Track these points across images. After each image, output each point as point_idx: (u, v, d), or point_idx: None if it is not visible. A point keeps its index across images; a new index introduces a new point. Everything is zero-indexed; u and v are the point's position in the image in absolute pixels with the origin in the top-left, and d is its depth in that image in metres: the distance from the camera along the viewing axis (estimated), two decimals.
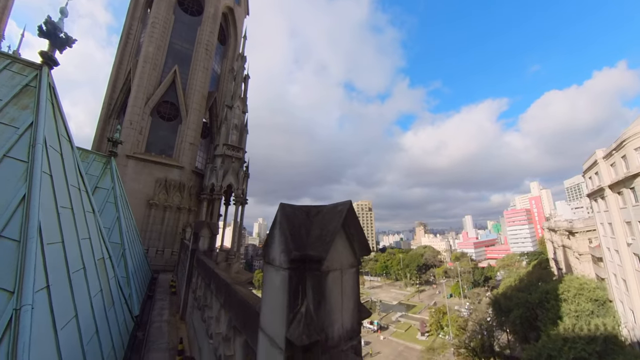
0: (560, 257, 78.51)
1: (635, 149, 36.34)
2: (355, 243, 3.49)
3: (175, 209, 37.98)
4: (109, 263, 12.17)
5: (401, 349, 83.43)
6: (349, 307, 3.27)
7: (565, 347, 31.02)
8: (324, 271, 3.06)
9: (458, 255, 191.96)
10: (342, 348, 3.02)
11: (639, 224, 37.13)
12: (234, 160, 40.11)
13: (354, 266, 3.54)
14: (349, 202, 3.49)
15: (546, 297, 47.57)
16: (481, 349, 54.13)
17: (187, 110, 42.25)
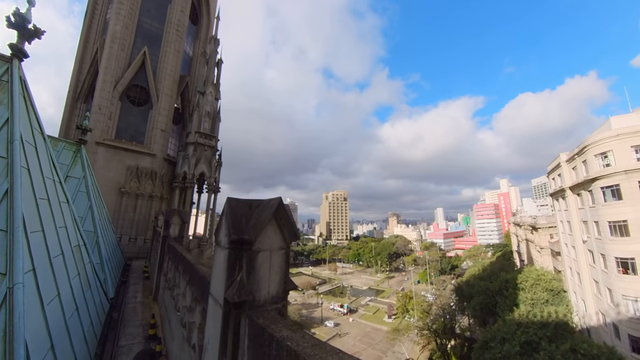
0: (523, 250, 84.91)
1: (595, 155, 39.95)
2: (285, 231, 4.82)
3: (148, 197, 37.73)
4: (84, 250, 12.91)
5: (368, 330, 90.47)
6: (276, 280, 4.62)
7: (518, 331, 33.60)
8: (254, 251, 4.42)
9: (428, 245, 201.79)
10: (266, 308, 4.37)
11: (594, 224, 41.02)
12: (206, 149, 39.93)
13: (283, 248, 4.90)
14: (280, 198, 4.80)
15: (506, 286, 51.38)
16: (443, 331, 58.35)
17: (157, 95, 41.12)
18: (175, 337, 9.39)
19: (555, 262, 58.37)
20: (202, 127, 39.70)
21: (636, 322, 34.06)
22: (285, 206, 4.79)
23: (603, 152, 39.12)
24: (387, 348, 74.75)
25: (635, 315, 34.23)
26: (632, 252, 35.22)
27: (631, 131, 37.33)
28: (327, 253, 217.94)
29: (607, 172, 38.09)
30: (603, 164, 39.24)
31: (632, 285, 34.90)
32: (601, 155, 39.41)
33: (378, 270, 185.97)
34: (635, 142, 36.96)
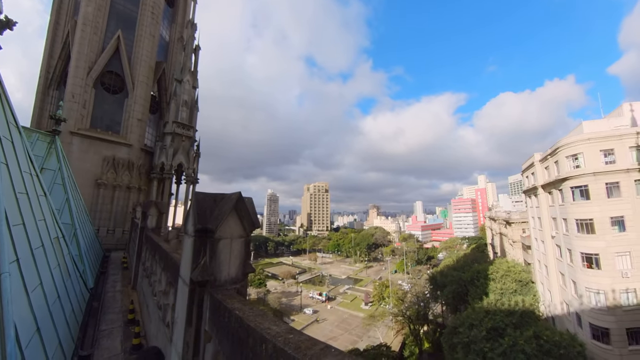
0: (496, 243, 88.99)
1: (567, 156, 42.28)
2: (244, 221, 5.81)
3: (125, 189, 37.38)
4: (62, 242, 13.48)
5: (346, 316, 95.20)
6: (236, 263, 5.57)
7: (486, 318, 35.90)
8: (216, 238, 5.41)
9: (406, 237, 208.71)
10: (226, 287, 5.33)
11: (563, 221, 43.59)
12: (184, 139, 39.70)
13: (242, 237, 5.87)
14: (239, 192, 5.75)
15: (477, 276, 54.45)
16: (416, 317, 61.89)
17: (133, 82, 40.03)
18: (152, 319, 10.25)
19: (525, 255, 61.80)
20: (180, 116, 39.31)
21: (597, 312, 36.96)
22: (245, 199, 5.76)
23: (574, 154, 41.48)
24: (362, 333, 79.22)
25: (597, 306, 37.05)
26: (596, 248, 37.95)
27: (601, 136, 39.87)
28: (307, 243, 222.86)
29: (577, 173, 40.51)
30: (574, 165, 41.61)
31: (595, 278, 37.65)
32: (572, 157, 41.77)
33: (357, 260, 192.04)
34: (604, 147, 39.53)
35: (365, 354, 52.11)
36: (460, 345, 33.70)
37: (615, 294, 36.24)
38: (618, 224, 38.17)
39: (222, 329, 4.55)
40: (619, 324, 35.56)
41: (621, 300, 36.11)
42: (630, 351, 34.89)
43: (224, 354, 4.51)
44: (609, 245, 37.22)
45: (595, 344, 36.69)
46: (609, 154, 39.52)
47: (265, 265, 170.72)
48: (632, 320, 35.58)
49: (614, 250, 37.22)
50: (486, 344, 31.37)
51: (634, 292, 36.17)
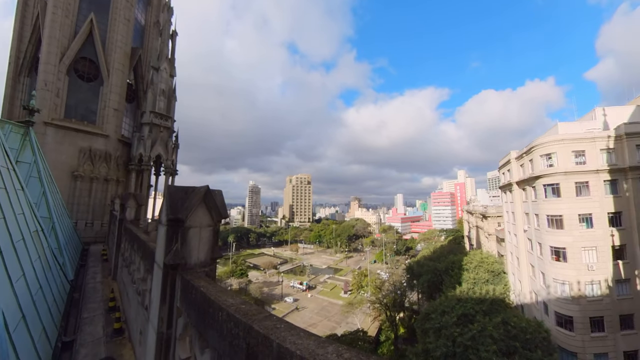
0: (473, 235, 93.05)
1: (541, 155, 44.49)
2: (212, 212, 6.71)
3: (103, 181, 36.87)
4: (42, 235, 14.00)
5: (325, 304, 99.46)
6: (204, 249, 6.36)
7: (457, 306, 38.11)
8: (186, 227, 6.29)
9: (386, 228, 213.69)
10: (196, 270, 6.11)
11: (535, 216, 46.24)
12: (162, 130, 39.41)
13: (210, 226, 6.78)
14: (207, 186, 6.57)
15: (452, 266, 57.58)
16: (393, 304, 65.08)
17: (108, 69, 38.91)
18: (132, 305, 10.97)
19: (499, 247, 64.99)
20: (157, 106, 38.86)
21: (562, 302, 39.78)
22: (214, 192, 6.59)
23: (548, 154, 43.69)
24: (341, 320, 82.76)
25: (562, 296, 39.85)
26: (564, 243, 40.51)
27: (574, 138, 42.29)
28: (289, 235, 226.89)
29: (549, 171, 42.82)
30: (547, 164, 43.87)
31: (562, 270, 40.28)
32: (546, 156, 44.00)
33: (337, 250, 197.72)
34: (576, 148, 41.98)
35: (342, 339, 54.21)
36: (432, 331, 35.50)
37: (580, 285, 38.85)
38: (586, 221, 40.72)
39: (191, 303, 5.49)
40: (582, 312, 38.22)
41: (586, 291, 38.81)
42: (592, 338, 37.76)
43: (192, 323, 5.45)
44: (576, 240, 39.72)
45: (559, 331, 39.44)
46: (580, 155, 41.86)
47: (247, 256, 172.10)
48: (596, 309, 38.41)
49: (581, 245, 39.78)
50: (456, 329, 33.15)
51: (598, 284, 38.99)
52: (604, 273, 39.19)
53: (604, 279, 39.14)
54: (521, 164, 51.39)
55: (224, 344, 4.12)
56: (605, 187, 41.10)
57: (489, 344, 30.19)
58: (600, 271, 39.22)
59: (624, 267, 39.47)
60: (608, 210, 40.57)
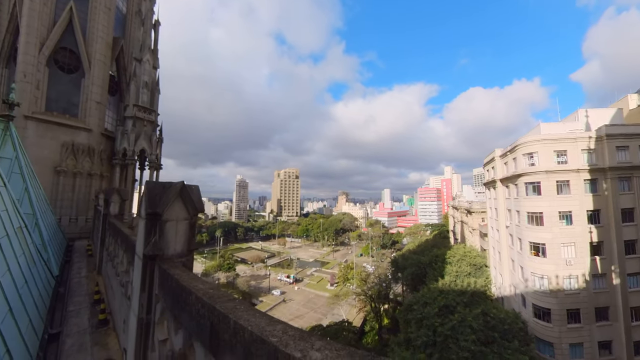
0: (457, 230, 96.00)
1: (524, 154, 45.93)
2: (189, 206, 7.31)
3: (86, 176, 36.25)
4: (25, 232, 14.31)
5: (312, 296, 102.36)
6: (181, 241, 6.91)
7: (439, 297, 39.89)
8: (164, 220, 6.89)
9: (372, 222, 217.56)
10: (173, 260, 6.62)
11: (516, 212, 47.85)
12: (145, 124, 38.96)
13: (187, 219, 7.43)
14: (182, 182, 7.17)
15: (435, 260, 59.69)
16: (377, 296, 67.20)
17: (89, 60, 37.69)
18: (116, 296, 11.49)
19: (482, 242, 67.20)
20: (141, 99, 38.32)
21: (539, 294, 41.65)
22: (190, 187, 7.17)
23: (530, 153, 45.17)
24: (327, 311, 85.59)
25: (540, 289, 41.70)
26: (543, 239, 42.25)
27: (556, 138, 43.83)
28: (277, 229, 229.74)
29: (531, 170, 44.36)
30: (529, 162, 45.34)
31: (540, 265, 42.10)
32: (528, 155, 45.47)
33: (325, 244, 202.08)
34: (557, 148, 43.55)
35: (327, 330, 55.68)
36: (414, 321, 36.75)
37: (558, 279, 40.64)
38: (566, 218, 42.36)
39: (167, 290, 6.13)
40: (560, 305, 40.06)
41: (564, 284, 40.60)
42: (568, 329, 39.67)
43: (168, 308, 6.11)
44: (556, 237, 41.43)
45: (537, 322, 41.27)
46: (562, 155, 43.37)
47: (234, 250, 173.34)
48: (573, 302, 40.33)
49: (560, 241, 41.54)
50: (437, 319, 34.47)
51: (576, 278, 40.81)
52: (582, 268, 41.03)
53: (582, 274, 40.97)
54: (505, 162, 52.97)
55: (193, 323, 4.73)
56: (585, 185, 42.80)
57: (468, 334, 31.43)
58: (578, 266, 41.03)
59: (600, 262, 41.39)
60: (587, 208, 42.35)
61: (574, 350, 39.50)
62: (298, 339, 2.87)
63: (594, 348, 39.84)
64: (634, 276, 41.49)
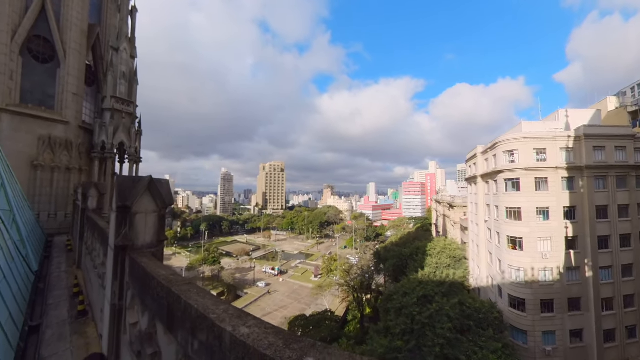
0: (440, 224, 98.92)
1: (504, 151, 47.47)
2: (157, 199, 7.81)
3: (65, 170, 35.33)
4: (2, 228, 14.34)
5: (296, 287, 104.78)
6: (151, 232, 7.46)
7: (418, 287, 41.76)
8: (133, 213, 7.29)
9: (357, 215, 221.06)
10: (143, 251, 7.16)
11: (495, 207, 49.64)
12: (124, 116, 38.26)
13: (155, 212, 8.07)
14: (150, 176, 7.81)
15: (417, 252, 62.07)
16: (360, 287, 69.18)
17: (64, 49, 36.23)
18: (94, 288, 12.01)
19: (463, 235, 69.86)
20: (119, 91, 37.57)
21: (515, 285, 43.64)
22: (160, 181, 7.61)
23: (510, 150, 46.72)
24: (311, 302, 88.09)
25: (516, 281, 43.60)
26: (521, 233, 44.01)
27: (536, 136, 45.46)
28: (262, 222, 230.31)
29: (511, 167, 46.02)
30: (509, 159, 46.94)
31: (517, 258, 43.99)
32: (509, 152, 47.07)
33: (309, 237, 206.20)
34: (537, 146, 45.10)
35: (310, 319, 56.84)
36: (394, 310, 38.18)
37: (534, 271, 42.49)
38: (543, 214, 44.12)
39: (135, 277, 6.67)
40: (534, 295, 41.96)
41: (539, 276, 42.45)
42: (542, 318, 41.66)
43: (136, 294, 6.75)
44: (533, 231, 43.22)
45: (512, 311, 43.25)
46: (542, 153, 44.92)
47: (219, 244, 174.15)
48: (547, 293, 42.28)
49: (537, 236, 43.33)
50: (416, 308, 36.25)
51: (550, 271, 42.69)
52: (557, 261, 43.02)
53: (556, 266, 42.96)
54: (486, 159, 54.69)
55: (155, 305, 5.47)
56: (562, 183, 44.63)
57: (445, 322, 33.13)
58: (553, 259, 43.00)
59: (575, 256, 43.48)
60: (564, 205, 44.26)
61: (546, 338, 41.66)
62: (235, 317, 3.58)
63: (566, 336, 42.00)
64: (606, 269, 43.91)
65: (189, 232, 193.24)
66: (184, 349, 4.21)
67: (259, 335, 2.99)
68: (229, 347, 3.13)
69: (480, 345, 31.98)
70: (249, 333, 2.98)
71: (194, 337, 3.91)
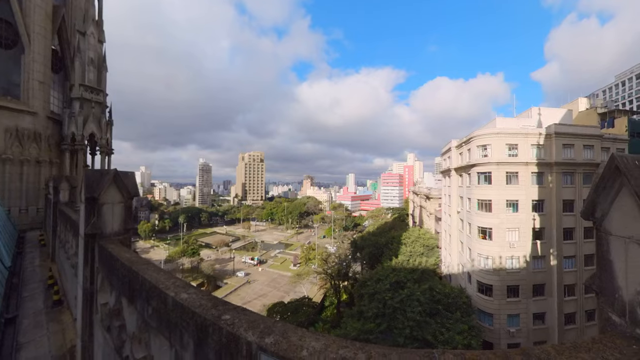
0: (417, 214, 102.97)
1: (478, 146, 49.53)
2: (123, 190, 8.53)
3: (34, 163, 34.34)
4: None
5: (275, 276, 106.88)
6: (118, 221, 8.30)
7: (391, 274, 43.91)
8: (100, 204, 8.00)
9: (336, 206, 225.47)
10: (111, 238, 7.96)
11: (467, 199, 52.07)
12: (93, 105, 37.18)
13: (122, 202, 8.96)
14: (115, 169, 8.86)
15: (392, 241, 65.38)
16: (337, 274, 71.34)
17: (28, 33, 34.44)
18: (68, 278, 12.75)
19: (437, 225, 73.41)
20: (87, 78, 36.36)
21: (484, 272, 46.41)
22: (126, 174, 8.44)
23: (484, 145, 48.84)
24: (290, 289, 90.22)
25: (484, 268, 46.33)
26: (490, 224, 46.53)
27: (508, 132, 47.64)
28: (241, 213, 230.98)
29: (484, 161, 48.26)
30: (482, 154, 49.12)
31: (486, 247, 46.65)
32: (482, 147, 49.21)
33: (289, 227, 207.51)
34: (509, 141, 47.27)
35: (288, 305, 59.28)
36: (367, 295, 40.44)
37: (502, 259, 45.16)
38: (513, 206, 46.62)
39: (104, 262, 7.50)
40: (501, 282, 44.76)
41: (506, 264, 45.17)
42: (508, 302, 44.53)
43: (105, 276, 7.72)
44: (502, 222, 45.76)
45: (479, 296, 46.10)
46: (514, 148, 47.16)
47: (198, 235, 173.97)
48: (513, 279, 45.12)
49: (506, 226, 45.90)
50: (388, 294, 38.24)
51: (517, 259, 45.53)
52: (524, 250, 45.88)
53: (523, 255, 45.83)
54: (460, 152, 57.13)
55: (119, 283, 6.50)
56: (532, 177, 47.13)
57: (415, 306, 35.38)
58: (520, 248, 45.83)
59: (541, 246, 46.41)
60: (533, 198, 46.88)
61: (511, 320, 44.77)
62: (179, 287, 4.69)
63: (529, 318, 45.28)
64: (570, 259, 47.15)
65: (167, 225, 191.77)
66: (141, 315, 5.19)
67: (195, 299, 4.06)
68: (171, 309, 4.21)
69: (447, 327, 34.48)
70: (187, 297, 3.97)
71: (148, 304, 4.92)
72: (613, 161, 2.98)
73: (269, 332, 2.97)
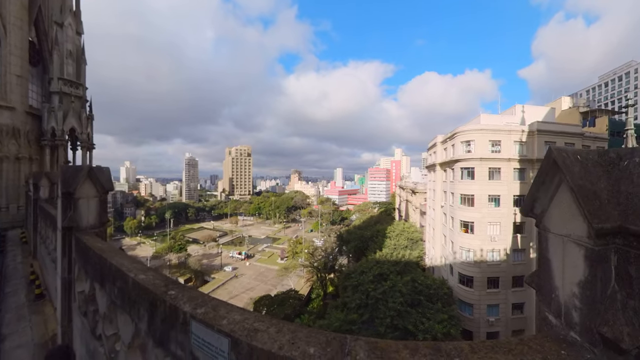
0: (403, 208, 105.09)
1: (462, 142, 50.71)
2: (97, 185, 8.92)
3: (14, 160, 33.74)
4: None
5: (263, 270, 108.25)
6: (93, 215, 8.93)
7: (375, 267, 44.97)
8: (76, 198, 8.44)
9: (323, 200, 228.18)
10: (87, 231, 8.45)
11: (451, 194, 53.39)
12: (73, 100, 36.87)
13: (97, 197, 9.40)
14: (90, 165, 9.48)
15: (377, 234, 67.02)
16: (324, 267, 73.38)
17: (4, 24, 33.29)
18: (49, 272, 13.44)
19: (422, 219, 75.53)
20: (66, 72, 36.01)
21: (465, 265, 48.08)
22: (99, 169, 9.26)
23: (468, 140, 50.07)
24: (277, 283, 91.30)
25: (466, 260, 47.92)
26: (472, 218, 48.10)
27: (492, 129, 49.04)
28: (229, 208, 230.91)
29: (467, 156, 49.50)
30: (466, 149, 50.37)
31: (468, 240, 48.23)
32: (466, 143, 50.42)
33: (276, 221, 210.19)
34: (492, 138, 48.66)
35: (275, 298, 60.58)
36: (350, 287, 41.65)
37: (483, 252, 46.78)
38: (495, 201, 48.13)
39: (80, 252, 8.01)
40: (482, 274, 46.50)
41: (487, 257, 46.74)
42: (488, 293, 46.29)
43: (81, 266, 8.28)
44: (484, 216, 47.33)
45: (461, 287, 47.86)
46: (497, 145, 48.51)
47: (185, 231, 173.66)
48: (493, 271, 46.89)
49: (488, 220, 47.42)
50: (371, 285, 39.62)
51: (498, 252, 47.23)
52: (505, 243, 47.54)
53: (504, 248, 47.55)
54: (445, 148, 58.52)
55: (92, 270, 7.14)
56: (514, 173, 48.63)
57: (397, 297, 36.70)
58: (501, 242, 47.49)
59: (521, 239, 48.06)
60: (514, 193, 48.36)
61: (490, 310, 46.65)
62: (139, 270, 5.33)
63: (508, 308, 47.13)
64: None
65: (154, 221, 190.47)
66: (110, 296, 5.87)
67: (151, 279, 4.80)
68: (131, 288, 4.90)
69: (428, 316, 35.91)
70: (144, 278, 4.68)
71: (114, 285, 5.59)
72: (551, 155, 2.86)
73: (202, 305, 3.60)
